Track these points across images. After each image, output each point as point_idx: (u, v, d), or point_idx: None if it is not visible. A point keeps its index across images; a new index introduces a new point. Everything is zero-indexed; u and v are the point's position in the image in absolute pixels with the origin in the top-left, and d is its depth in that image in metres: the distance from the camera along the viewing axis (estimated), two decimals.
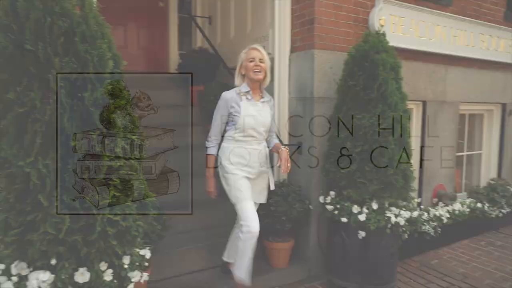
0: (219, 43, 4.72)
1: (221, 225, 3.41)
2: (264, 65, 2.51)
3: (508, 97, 4.73)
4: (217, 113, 2.57)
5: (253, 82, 2.52)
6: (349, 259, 2.81)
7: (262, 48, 2.52)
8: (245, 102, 2.51)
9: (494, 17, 4.38)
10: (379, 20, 3.24)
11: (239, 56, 2.58)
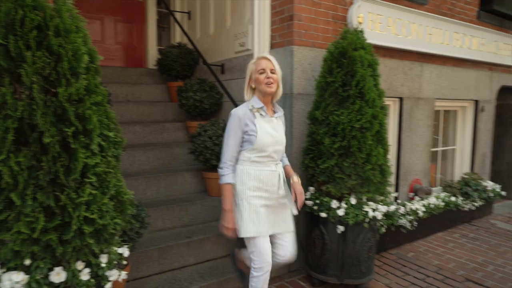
0: (198, 39, 4.68)
1: (201, 221, 3.40)
2: (276, 76, 2.20)
3: (480, 94, 4.87)
4: (230, 134, 2.19)
5: (265, 96, 2.21)
6: (328, 253, 2.84)
7: (272, 57, 2.23)
8: (259, 119, 2.19)
9: (467, 16, 4.50)
10: (357, 17, 3.28)
11: (247, 67, 2.29)
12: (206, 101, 4.05)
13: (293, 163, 3.14)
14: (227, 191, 2.20)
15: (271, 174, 2.23)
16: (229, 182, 2.20)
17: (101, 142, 1.69)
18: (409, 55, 3.91)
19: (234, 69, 3.94)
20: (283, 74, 3.18)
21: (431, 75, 4.18)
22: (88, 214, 1.62)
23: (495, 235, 4.21)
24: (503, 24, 4.98)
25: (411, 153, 4.08)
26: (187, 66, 4.53)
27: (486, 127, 5.08)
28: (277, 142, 2.23)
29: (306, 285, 3.01)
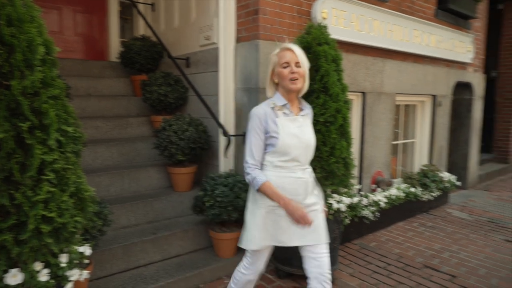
0: (162, 31, 4.58)
1: (166, 217, 3.36)
2: (302, 70, 1.93)
3: (438, 89, 5.09)
4: (251, 137, 1.95)
5: (289, 92, 1.96)
6: None
7: (298, 48, 1.96)
8: (282, 118, 1.94)
9: (426, 14, 4.67)
10: (321, 12, 3.33)
11: (269, 58, 2.03)
12: (171, 95, 3.98)
13: None
14: (270, 189, 1.88)
15: (296, 182, 1.95)
16: (264, 180, 1.89)
17: (59, 137, 1.63)
18: (372, 50, 4.02)
19: (199, 62, 3.90)
20: (249, 68, 3.18)
21: (392, 70, 4.32)
22: (46, 213, 1.56)
23: (451, 223, 4.43)
24: (458, 23, 5.21)
25: (373, 146, 4.21)
26: (151, 59, 4.43)
27: (443, 121, 5.31)
28: (304, 144, 1.95)
29: (273, 277, 3.05)
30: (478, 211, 4.89)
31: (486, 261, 3.38)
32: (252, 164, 1.95)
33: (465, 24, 5.36)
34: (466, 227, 4.30)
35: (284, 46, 1.97)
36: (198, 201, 3.03)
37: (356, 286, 2.93)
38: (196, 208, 3.08)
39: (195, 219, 3.34)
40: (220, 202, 2.88)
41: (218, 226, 3.12)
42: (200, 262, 3.01)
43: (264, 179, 1.90)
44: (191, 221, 3.31)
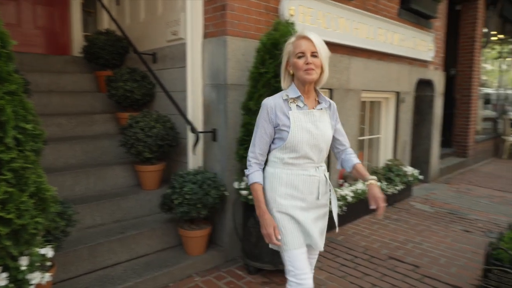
0: (128, 26, 4.46)
1: (134, 216, 3.30)
2: (319, 60, 1.75)
3: (401, 86, 5.26)
4: (258, 128, 1.84)
5: (304, 84, 1.81)
6: (263, 241, 2.88)
7: (315, 36, 1.77)
8: (295, 111, 1.80)
9: (389, 13, 4.81)
10: (289, 9, 3.35)
11: (284, 47, 1.87)
12: (137, 92, 3.90)
13: (228, 154, 3.15)
14: (256, 191, 1.82)
15: (308, 180, 1.83)
16: (256, 181, 1.82)
17: (17, 135, 1.56)
18: (338, 48, 4.09)
19: (166, 58, 3.83)
20: (217, 64, 3.16)
21: (358, 67, 4.42)
22: (4, 214, 1.49)
23: (414, 215, 4.61)
24: (420, 22, 5.40)
25: None
26: (116, 54, 4.31)
27: (406, 116, 5.50)
28: (317, 140, 1.80)
29: (242, 273, 3.06)
30: (439, 203, 5.11)
31: (446, 251, 3.54)
32: (251, 157, 1.85)
33: (426, 23, 5.56)
34: (428, 219, 4.48)
35: (300, 34, 1.79)
36: (167, 199, 2.99)
37: (324, 279, 2.99)
38: (164, 206, 3.04)
39: (163, 217, 3.30)
40: (189, 200, 2.85)
41: (187, 223, 3.09)
42: (169, 261, 2.98)
43: (256, 180, 1.82)
44: (160, 220, 3.26)
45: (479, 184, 6.35)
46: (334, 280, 2.98)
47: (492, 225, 4.28)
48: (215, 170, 3.25)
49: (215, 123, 3.25)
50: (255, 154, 1.85)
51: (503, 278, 2.33)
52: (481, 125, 8.86)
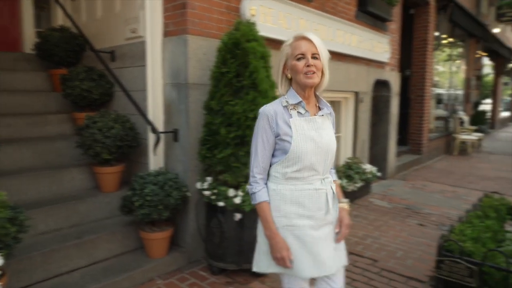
0: (84, 23, 4.30)
1: (92, 220, 3.19)
2: (320, 62, 1.61)
3: (360, 86, 5.43)
4: (258, 139, 1.65)
5: (305, 89, 1.65)
6: (226, 241, 2.90)
7: (316, 37, 1.63)
8: (296, 118, 1.63)
9: (347, 15, 4.94)
10: (250, 9, 3.37)
11: (281, 49, 1.70)
12: (95, 91, 3.76)
13: (190, 154, 3.12)
14: (264, 211, 1.64)
15: (315, 195, 1.64)
16: (264, 200, 1.64)
17: None
18: None
19: (125, 56, 3.73)
20: (178, 63, 3.12)
21: None
22: None
23: (373, 211, 4.77)
24: (376, 24, 5.60)
25: None
26: (71, 52, 4.14)
27: (365, 116, 5.68)
28: (322, 150, 1.64)
29: (206, 274, 3.04)
30: (396, 199, 5.33)
31: (403, 244, 3.70)
32: (256, 173, 1.65)
33: (382, 26, 5.77)
34: (386, 214, 4.65)
35: (299, 35, 1.64)
36: (127, 201, 2.91)
37: None
38: (124, 208, 2.96)
39: (123, 220, 3.21)
40: (150, 201, 2.79)
41: (149, 226, 3.02)
42: (130, 265, 2.90)
43: (263, 198, 1.64)
44: (120, 223, 3.17)
45: (433, 180, 6.68)
46: None
47: (444, 218, 4.51)
48: (177, 170, 3.21)
49: (176, 123, 3.21)
50: (259, 168, 1.65)
51: (453, 268, 2.46)
52: (434, 124, 9.32)
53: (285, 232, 1.63)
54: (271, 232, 1.62)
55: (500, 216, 3.31)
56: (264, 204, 1.64)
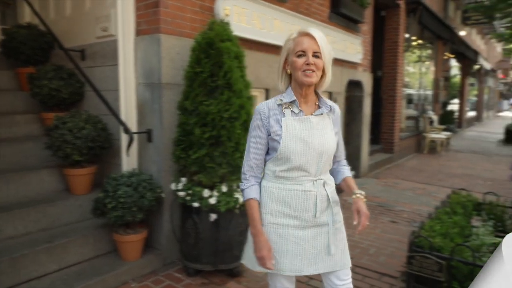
0: (53, 20, 4.16)
1: (63, 223, 3.10)
2: (321, 61, 1.56)
3: (334, 87, 5.51)
4: (250, 136, 1.67)
5: (302, 87, 1.60)
6: (202, 242, 2.88)
7: (320, 34, 1.57)
8: (289, 117, 1.60)
9: (321, 16, 5.01)
10: (224, 9, 3.36)
11: (284, 44, 1.65)
12: (64, 90, 3.66)
13: (164, 154, 3.08)
14: (251, 209, 1.63)
15: (302, 196, 1.61)
16: (252, 197, 1.64)
17: None
18: (273, 49, 4.18)
19: (96, 55, 3.64)
20: (151, 63, 3.08)
21: None
22: None
23: (347, 209, 4.80)
24: (349, 26, 5.70)
25: None
26: (39, 50, 4.01)
27: None
28: (313, 151, 1.59)
29: (181, 276, 3.01)
30: (370, 197, 5.44)
31: (375, 241, 3.78)
32: (246, 170, 1.67)
33: (355, 27, 5.88)
34: None
35: (303, 30, 1.59)
36: (99, 203, 2.85)
37: (263, 276, 3.04)
38: (96, 211, 2.89)
39: (96, 223, 3.13)
40: (123, 203, 2.74)
41: (122, 228, 2.97)
42: (103, 268, 2.84)
43: (251, 196, 1.64)
44: (92, 226, 3.10)
45: (404, 178, 6.87)
46: None
47: (415, 215, 4.65)
48: (151, 171, 3.16)
49: (150, 124, 3.16)
50: (250, 165, 1.66)
51: (424, 263, 2.54)
52: (405, 123, 9.59)
53: (269, 229, 1.64)
54: (256, 230, 1.62)
55: (467, 212, 3.44)
56: (252, 201, 1.64)
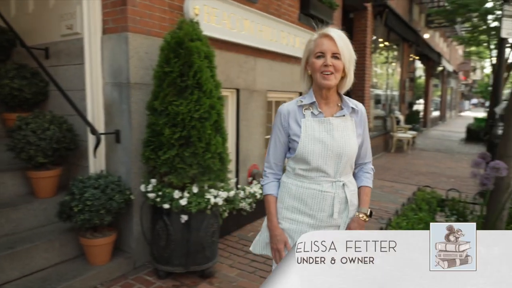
0: (14, 16, 3.99)
1: (27, 228, 2.99)
2: (341, 63, 1.55)
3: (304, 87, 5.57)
4: (272, 135, 1.72)
5: (322, 89, 1.61)
6: (173, 244, 2.85)
7: (340, 35, 1.57)
8: (309, 119, 1.61)
9: (291, 17, 5.06)
10: (193, 8, 3.33)
11: (306, 44, 1.65)
12: (27, 90, 3.52)
13: (133, 155, 3.03)
14: (268, 203, 1.71)
15: (319, 196, 1.61)
16: (269, 193, 1.72)
17: None
18: (244, 49, 4.19)
19: (61, 54, 3.53)
20: (119, 62, 3.01)
21: (263, 68, 4.57)
22: None
23: None
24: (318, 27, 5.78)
25: (248, 140, 4.41)
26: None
27: None
28: (332, 152, 1.58)
29: (152, 279, 2.96)
30: None
31: None
32: (266, 167, 1.75)
33: None
34: None
35: (323, 32, 1.58)
36: (65, 207, 2.76)
37: (236, 276, 3.04)
38: (62, 214, 2.80)
39: (62, 227, 3.03)
40: (91, 206, 2.67)
41: (90, 231, 2.89)
42: (70, 274, 2.76)
43: (269, 192, 1.72)
44: (58, 230, 3.00)
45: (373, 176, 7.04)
46: (245, 276, 3.05)
47: (383, 212, 4.77)
48: (120, 173, 3.10)
49: (118, 124, 3.09)
50: (269, 164, 1.74)
51: None
52: (373, 123, 9.84)
53: (285, 224, 1.68)
54: (272, 225, 1.69)
55: (431, 208, 3.58)
56: (269, 197, 1.72)
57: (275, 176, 1.75)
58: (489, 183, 2.51)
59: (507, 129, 2.73)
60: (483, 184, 2.54)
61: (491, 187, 2.53)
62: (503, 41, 6.46)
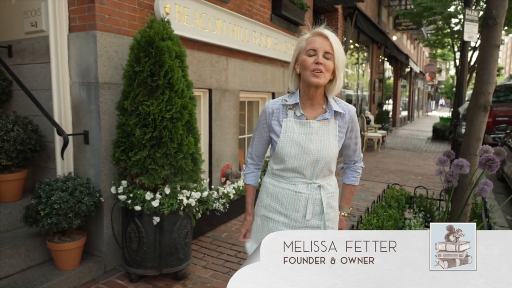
0: None
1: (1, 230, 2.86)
2: (331, 63, 1.52)
3: (276, 87, 5.62)
4: (255, 130, 1.76)
5: (309, 87, 1.56)
6: (145, 246, 2.80)
7: (334, 36, 1.53)
8: (290, 119, 1.60)
9: (263, 17, 5.09)
10: (164, 7, 3.29)
11: (297, 43, 1.62)
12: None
13: (103, 157, 2.96)
14: (246, 192, 1.86)
15: (293, 196, 1.63)
16: (247, 183, 1.83)
17: None
18: (216, 49, 4.17)
19: (25, 52, 3.39)
20: (87, 61, 2.94)
21: (235, 68, 4.57)
22: None
23: None
24: (290, 28, 5.84)
25: (221, 141, 4.39)
26: None
27: None
28: (309, 155, 1.58)
29: (124, 282, 2.90)
30: None
31: None
32: (248, 157, 1.83)
33: (296, 29, 6.04)
34: None
35: (317, 30, 1.55)
36: (31, 211, 2.66)
37: (209, 277, 3.03)
38: (28, 218, 2.69)
39: (28, 231, 2.92)
40: (58, 209, 2.59)
41: (58, 236, 2.80)
42: (37, 280, 2.66)
43: (248, 181, 1.83)
44: (23, 235, 2.89)
45: None
46: (219, 277, 3.04)
47: (354, 210, 4.87)
48: (89, 175, 3.02)
49: (87, 125, 3.01)
50: (251, 154, 1.81)
51: None
52: None
53: (262, 221, 1.73)
54: (246, 211, 1.85)
55: (400, 205, 3.68)
56: (247, 186, 1.85)
57: (255, 166, 1.84)
58: (454, 180, 2.61)
59: (469, 128, 2.85)
60: (448, 181, 2.63)
61: (455, 184, 2.63)
62: (466, 44, 6.75)
